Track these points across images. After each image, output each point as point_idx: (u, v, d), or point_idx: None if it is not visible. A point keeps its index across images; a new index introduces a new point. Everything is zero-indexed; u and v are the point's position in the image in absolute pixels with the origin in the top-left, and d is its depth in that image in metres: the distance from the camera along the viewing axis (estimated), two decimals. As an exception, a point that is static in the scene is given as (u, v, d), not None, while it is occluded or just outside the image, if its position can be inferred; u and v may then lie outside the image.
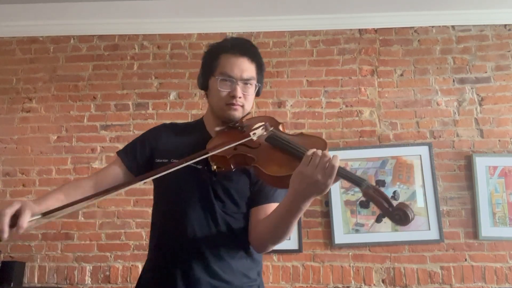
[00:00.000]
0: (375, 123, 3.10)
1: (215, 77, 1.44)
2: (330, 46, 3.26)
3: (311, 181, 1.13)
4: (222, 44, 1.50)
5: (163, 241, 1.42)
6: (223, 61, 1.44)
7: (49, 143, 3.17)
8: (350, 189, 2.95)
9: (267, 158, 1.28)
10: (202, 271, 1.33)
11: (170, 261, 1.36)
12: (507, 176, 2.93)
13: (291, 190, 1.18)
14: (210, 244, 1.36)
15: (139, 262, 2.91)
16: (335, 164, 1.12)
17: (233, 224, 1.39)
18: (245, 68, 1.43)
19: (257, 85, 1.48)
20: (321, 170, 1.12)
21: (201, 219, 1.37)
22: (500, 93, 3.11)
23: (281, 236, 1.30)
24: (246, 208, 1.42)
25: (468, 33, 3.23)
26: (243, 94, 1.43)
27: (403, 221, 1.09)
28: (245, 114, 1.48)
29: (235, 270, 1.36)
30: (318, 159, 1.13)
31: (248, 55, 1.46)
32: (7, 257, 2.95)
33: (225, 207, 1.39)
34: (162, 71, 3.27)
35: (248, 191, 1.42)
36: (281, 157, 1.27)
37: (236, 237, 1.39)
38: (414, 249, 2.86)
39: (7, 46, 3.37)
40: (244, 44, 1.50)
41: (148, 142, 1.52)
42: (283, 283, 2.84)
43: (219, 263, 1.35)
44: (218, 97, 1.44)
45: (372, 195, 1.11)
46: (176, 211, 1.39)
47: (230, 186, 1.40)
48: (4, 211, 1.12)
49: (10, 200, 3.07)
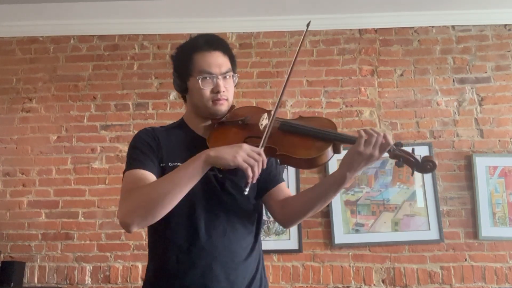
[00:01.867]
0: (375, 123, 3.10)
1: (195, 77, 1.42)
2: (330, 46, 3.26)
3: (369, 158, 1.28)
4: (192, 43, 1.48)
5: (176, 246, 1.36)
6: (199, 60, 1.43)
7: (49, 143, 3.17)
8: (350, 189, 2.95)
9: (289, 144, 1.35)
10: (221, 270, 1.33)
11: (187, 265, 1.33)
12: (507, 176, 2.93)
13: (346, 165, 1.31)
14: (225, 241, 1.36)
15: (139, 262, 2.91)
16: (389, 141, 1.27)
17: (244, 216, 1.41)
18: (221, 62, 1.44)
19: (234, 75, 1.48)
20: (378, 147, 1.27)
21: (213, 218, 1.36)
22: (500, 93, 3.11)
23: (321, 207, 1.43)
24: (255, 199, 1.45)
25: (468, 33, 3.23)
26: (225, 88, 1.44)
27: (432, 168, 1.28)
28: (230, 108, 1.48)
29: (247, 262, 1.38)
30: (375, 139, 1.27)
31: (220, 48, 1.46)
32: (7, 257, 2.95)
33: (237, 201, 1.40)
34: (162, 71, 3.27)
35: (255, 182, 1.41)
36: (302, 140, 1.35)
37: (247, 229, 1.42)
38: (414, 249, 2.86)
39: (7, 46, 3.37)
40: (213, 39, 1.49)
41: (156, 146, 1.42)
42: (283, 283, 2.84)
43: (234, 258, 1.36)
44: (202, 96, 1.42)
45: (401, 154, 1.29)
46: (187, 216, 1.36)
47: (238, 180, 1.39)
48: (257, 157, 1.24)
49: (10, 200, 3.07)
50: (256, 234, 1.46)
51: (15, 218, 3.04)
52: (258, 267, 1.43)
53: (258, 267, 1.43)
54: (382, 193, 2.94)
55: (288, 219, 1.47)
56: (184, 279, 1.33)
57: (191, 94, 1.47)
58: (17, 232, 3.02)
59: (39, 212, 3.04)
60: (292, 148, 1.33)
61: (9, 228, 3.03)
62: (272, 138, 1.35)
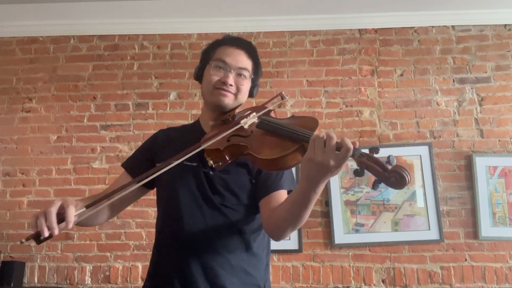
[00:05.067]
0: (375, 123, 3.10)
1: (210, 64, 1.45)
2: (330, 46, 3.26)
3: (324, 166, 1.06)
4: (221, 38, 1.52)
5: (161, 243, 1.42)
6: (220, 50, 1.46)
7: (49, 143, 3.17)
8: (350, 189, 2.95)
9: (259, 143, 1.25)
10: (199, 270, 1.32)
11: (168, 262, 1.36)
12: (507, 176, 2.93)
13: (303, 176, 1.13)
14: (208, 240, 1.35)
15: (139, 262, 2.91)
16: (348, 145, 1.03)
17: (233, 216, 1.38)
18: (241, 59, 1.45)
19: (251, 76, 1.47)
20: (331, 154, 1.05)
21: (197, 216, 1.36)
22: (500, 93, 3.11)
23: (298, 221, 1.25)
24: (248, 200, 1.41)
25: (468, 33, 3.23)
26: (235, 84, 1.43)
27: (399, 183, 1.01)
28: (237, 105, 1.47)
29: (234, 266, 1.35)
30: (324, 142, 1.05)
31: (246, 49, 1.47)
32: (7, 257, 2.95)
33: (225, 200, 1.38)
34: (162, 71, 3.27)
35: (248, 183, 1.41)
36: (272, 140, 1.24)
37: (236, 230, 1.38)
38: (414, 249, 2.86)
39: (7, 46, 3.37)
40: (244, 40, 1.51)
41: (148, 148, 1.54)
42: (283, 283, 2.84)
43: (217, 260, 1.34)
44: (209, 81, 1.44)
45: (365, 162, 1.05)
46: (172, 211, 1.39)
47: (229, 179, 1.39)
48: (49, 209, 1.13)
49: (10, 200, 3.07)
50: (253, 239, 1.41)
51: (15, 218, 3.04)
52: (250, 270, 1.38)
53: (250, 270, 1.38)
54: (382, 193, 2.94)
55: (271, 230, 1.35)
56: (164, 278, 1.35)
57: (203, 82, 1.49)
58: (17, 232, 3.02)
59: (39, 212, 3.04)
60: (259, 147, 1.23)
61: (9, 228, 3.03)
62: (249, 136, 1.30)
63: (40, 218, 1.13)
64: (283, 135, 1.22)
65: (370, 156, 1.06)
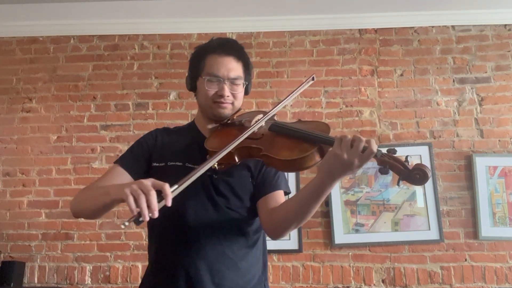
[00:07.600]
0: (375, 123, 3.10)
1: (202, 78, 1.45)
2: (330, 46, 3.26)
3: (348, 163, 1.13)
4: (207, 45, 1.50)
5: (165, 244, 1.40)
6: (209, 62, 1.45)
7: (49, 143, 3.17)
8: (350, 189, 2.95)
9: (275, 145, 1.30)
10: (206, 271, 1.33)
11: (173, 263, 1.36)
12: (507, 176, 2.93)
13: (323, 170, 1.19)
14: (214, 242, 1.36)
15: (139, 262, 2.91)
16: (373, 148, 1.12)
17: (237, 219, 1.40)
18: (231, 67, 1.44)
19: (244, 83, 1.48)
20: (357, 154, 1.12)
21: (203, 216, 1.37)
22: (500, 93, 3.11)
23: (304, 218, 1.30)
24: (250, 202, 1.43)
25: (468, 33, 3.23)
26: (231, 93, 1.44)
27: (422, 179, 1.13)
28: (235, 111, 1.48)
29: (240, 267, 1.36)
30: (355, 142, 1.13)
31: (233, 54, 1.46)
32: (7, 257, 2.95)
33: (229, 203, 1.39)
34: (162, 71, 3.27)
35: (250, 185, 1.43)
36: (288, 142, 1.30)
37: (241, 232, 1.40)
38: (414, 249, 2.86)
39: (7, 46, 3.37)
40: (229, 43, 1.50)
41: (146, 145, 1.51)
42: (283, 283, 2.84)
43: (224, 262, 1.35)
44: (206, 96, 1.45)
45: (388, 161, 1.15)
46: (177, 214, 1.37)
47: (233, 182, 1.40)
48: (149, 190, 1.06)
49: (10, 200, 3.07)
50: (254, 240, 1.43)
51: (15, 218, 3.04)
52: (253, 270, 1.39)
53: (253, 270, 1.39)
54: (382, 193, 2.94)
55: (273, 229, 1.37)
56: (168, 279, 1.34)
57: (198, 94, 1.50)
58: (17, 232, 3.02)
59: (39, 212, 3.05)
60: (276, 149, 1.28)
61: (9, 228, 3.03)
62: (261, 138, 1.34)
63: (141, 199, 1.05)
64: (300, 137, 1.28)
65: (391, 156, 1.16)
